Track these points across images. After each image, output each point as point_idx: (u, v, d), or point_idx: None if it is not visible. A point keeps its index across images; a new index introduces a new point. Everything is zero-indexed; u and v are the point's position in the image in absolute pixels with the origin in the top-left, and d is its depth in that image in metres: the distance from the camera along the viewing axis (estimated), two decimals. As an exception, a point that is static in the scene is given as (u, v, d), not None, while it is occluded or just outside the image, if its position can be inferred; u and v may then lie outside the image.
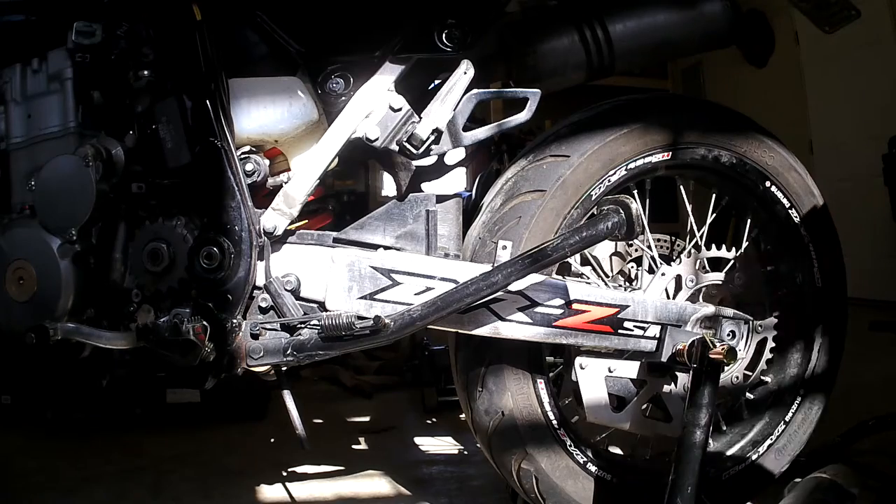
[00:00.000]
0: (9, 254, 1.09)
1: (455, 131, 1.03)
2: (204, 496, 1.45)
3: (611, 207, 1.00)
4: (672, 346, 1.08)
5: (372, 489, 1.48)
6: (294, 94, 1.07)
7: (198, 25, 1.03)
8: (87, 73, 1.10)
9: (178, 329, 0.98)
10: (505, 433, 1.13)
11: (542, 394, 1.13)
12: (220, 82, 1.02)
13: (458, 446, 1.75)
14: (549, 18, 1.13)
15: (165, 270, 1.05)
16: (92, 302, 1.09)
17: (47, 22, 1.12)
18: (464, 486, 1.48)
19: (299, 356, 1.02)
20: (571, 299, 1.06)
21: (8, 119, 1.14)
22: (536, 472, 1.13)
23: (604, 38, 1.09)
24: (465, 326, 1.05)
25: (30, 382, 1.87)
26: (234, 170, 1.02)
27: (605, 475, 1.15)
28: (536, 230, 1.10)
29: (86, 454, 1.70)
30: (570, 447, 1.14)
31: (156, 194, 1.07)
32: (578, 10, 1.11)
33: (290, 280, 1.05)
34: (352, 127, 1.05)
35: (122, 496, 1.46)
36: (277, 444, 1.80)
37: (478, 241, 1.12)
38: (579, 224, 1.07)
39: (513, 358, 1.11)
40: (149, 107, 1.06)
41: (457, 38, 1.03)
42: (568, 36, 1.10)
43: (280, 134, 1.07)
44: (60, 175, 1.06)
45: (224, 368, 1.03)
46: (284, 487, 1.50)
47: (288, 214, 1.04)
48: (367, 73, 1.06)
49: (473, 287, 0.98)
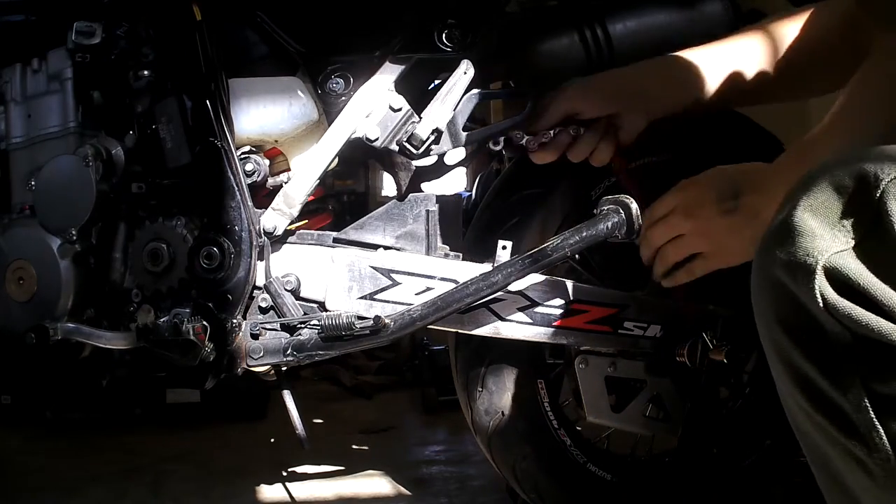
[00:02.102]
0: (9, 254, 1.09)
1: (455, 131, 1.03)
2: (204, 496, 1.45)
3: (611, 207, 1.00)
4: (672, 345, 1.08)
5: (372, 489, 1.48)
6: (294, 94, 1.06)
7: (198, 25, 1.03)
8: (87, 73, 1.10)
9: (178, 329, 0.98)
10: (505, 433, 1.13)
11: (541, 394, 1.13)
12: (220, 82, 1.02)
13: (458, 446, 1.75)
14: (549, 18, 1.13)
15: (165, 270, 1.05)
16: (92, 302, 1.09)
17: (47, 22, 1.12)
18: (464, 486, 1.48)
19: (299, 356, 1.02)
20: (571, 299, 1.06)
21: (8, 119, 1.14)
22: (536, 473, 1.13)
23: (604, 38, 1.09)
24: (465, 326, 1.05)
25: (30, 382, 1.87)
26: (234, 170, 1.02)
27: (605, 475, 1.15)
28: (536, 230, 1.10)
29: (86, 454, 1.70)
30: (570, 447, 1.14)
31: (156, 194, 1.07)
32: (578, 9, 1.11)
33: (290, 280, 1.05)
34: (352, 127, 1.05)
35: (122, 496, 1.46)
36: (277, 444, 1.80)
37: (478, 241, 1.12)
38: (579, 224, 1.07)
39: (513, 358, 1.11)
40: (149, 107, 1.06)
41: (457, 38, 1.03)
42: (568, 36, 1.10)
43: (280, 134, 1.07)
44: (60, 175, 1.06)
45: (224, 368, 1.03)
46: (284, 487, 1.50)
47: (288, 214, 1.04)
48: (367, 73, 1.06)
49: (473, 287, 0.99)
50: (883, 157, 0.46)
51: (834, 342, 0.45)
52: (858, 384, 0.44)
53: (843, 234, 0.46)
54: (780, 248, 0.48)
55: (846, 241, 0.46)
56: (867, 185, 0.45)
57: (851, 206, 0.46)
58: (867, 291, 0.43)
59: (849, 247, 0.45)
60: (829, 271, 0.45)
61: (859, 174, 0.46)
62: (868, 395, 0.44)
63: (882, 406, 0.44)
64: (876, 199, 0.44)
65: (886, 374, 0.44)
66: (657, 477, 1.18)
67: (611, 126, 1.00)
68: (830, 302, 0.44)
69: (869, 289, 0.43)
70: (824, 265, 0.45)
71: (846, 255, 0.45)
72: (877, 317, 0.43)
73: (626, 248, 1.04)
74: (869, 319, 0.43)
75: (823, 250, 0.45)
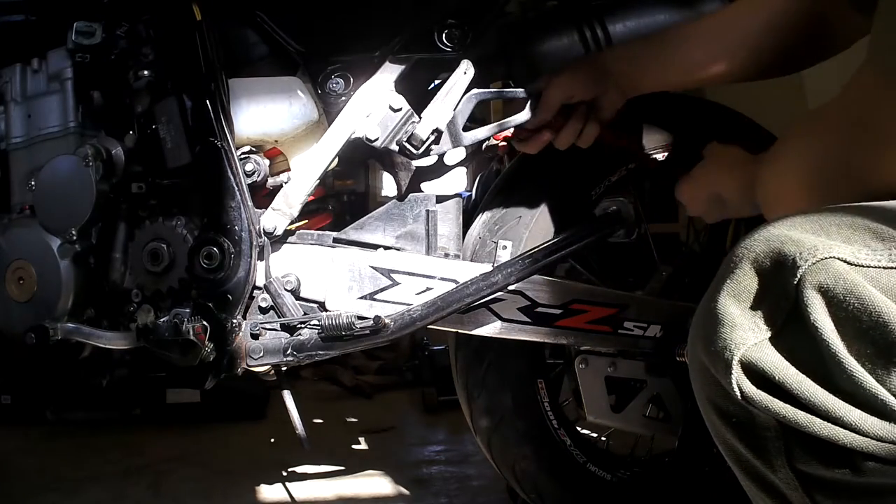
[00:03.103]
0: (9, 254, 1.09)
1: (455, 131, 1.03)
2: (204, 496, 1.45)
3: (610, 208, 1.00)
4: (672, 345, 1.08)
5: (372, 489, 1.48)
6: (294, 94, 1.06)
7: (198, 25, 1.03)
8: (87, 73, 1.10)
9: (178, 329, 0.98)
10: (505, 433, 1.13)
11: (541, 394, 1.13)
12: (220, 82, 1.02)
13: (458, 446, 1.75)
14: (549, 18, 1.13)
15: (165, 270, 1.05)
16: (92, 302, 1.09)
17: (47, 22, 1.12)
18: (464, 486, 1.48)
19: (299, 356, 1.02)
20: (571, 299, 1.06)
21: (8, 119, 1.14)
22: (536, 473, 1.13)
23: (604, 38, 1.09)
24: (465, 326, 1.05)
25: (30, 382, 1.87)
26: (234, 170, 1.02)
27: (605, 475, 1.15)
28: (536, 230, 1.10)
29: (86, 454, 1.70)
30: (570, 447, 1.14)
31: (156, 194, 1.07)
32: (578, 10, 1.11)
33: (290, 280, 1.05)
34: (352, 127, 1.05)
35: (122, 496, 1.46)
36: (277, 444, 1.80)
37: (478, 241, 1.12)
38: (579, 224, 1.07)
39: (513, 358, 1.11)
40: (149, 107, 1.06)
41: (457, 38, 1.03)
42: (568, 36, 1.10)
43: (280, 134, 1.07)
44: (60, 175, 1.06)
45: (224, 368, 1.03)
46: (284, 487, 1.50)
47: (288, 214, 1.04)
48: (367, 73, 1.06)
49: (473, 287, 0.98)
50: (804, 240, 0.46)
51: (760, 426, 0.46)
52: (786, 465, 0.46)
53: (762, 321, 0.46)
54: (704, 337, 0.49)
55: (765, 329, 0.46)
56: (784, 270, 0.46)
57: (770, 291, 0.47)
58: (783, 384, 0.44)
59: (766, 336, 0.46)
60: (746, 365, 0.45)
61: (777, 258, 0.46)
62: (796, 475, 0.45)
63: (811, 484, 0.45)
64: (794, 285, 0.45)
65: (809, 458, 0.44)
66: (657, 477, 1.18)
67: (590, 108, 1.01)
68: (748, 394, 0.45)
69: (785, 381, 0.44)
70: (741, 359, 0.46)
71: (764, 345, 0.46)
72: (794, 409, 0.43)
73: (626, 248, 1.04)
74: (786, 412, 0.44)
75: (740, 343, 0.46)
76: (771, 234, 0.48)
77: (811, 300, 0.44)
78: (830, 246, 0.45)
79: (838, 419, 0.42)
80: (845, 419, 0.42)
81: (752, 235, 0.50)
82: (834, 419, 0.42)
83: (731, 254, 0.50)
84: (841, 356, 0.42)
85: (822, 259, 0.44)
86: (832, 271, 0.44)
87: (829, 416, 0.42)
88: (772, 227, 0.49)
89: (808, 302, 0.44)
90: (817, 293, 0.44)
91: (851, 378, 0.42)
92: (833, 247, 0.45)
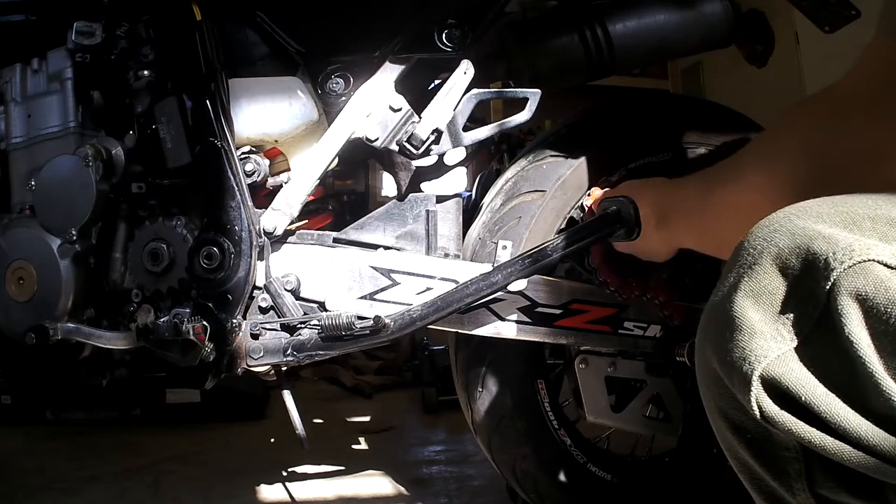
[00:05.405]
0: (9, 254, 1.09)
1: (455, 131, 1.03)
2: (204, 496, 1.45)
3: (611, 207, 1.00)
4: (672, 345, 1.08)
5: (372, 489, 1.48)
6: (294, 94, 1.06)
7: (198, 25, 1.03)
8: (87, 73, 1.10)
9: (178, 329, 0.98)
10: (505, 433, 1.13)
11: (541, 394, 1.13)
12: (220, 82, 1.02)
13: (458, 446, 1.75)
14: (549, 18, 1.13)
15: (165, 270, 1.05)
16: (92, 302, 1.09)
17: (47, 22, 1.12)
18: (464, 486, 1.48)
19: (299, 356, 1.02)
20: (571, 299, 1.06)
21: (8, 119, 1.14)
22: (536, 473, 1.13)
23: (604, 38, 1.09)
24: (465, 326, 1.05)
25: (30, 382, 1.87)
26: (234, 170, 1.02)
27: (605, 475, 1.15)
28: (536, 230, 1.10)
29: (86, 454, 1.70)
30: (570, 447, 1.14)
31: (156, 194, 1.07)
32: (578, 10, 1.11)
33: (290, 280, 1.05)
34: (352, 127, 1.05)
35: (122, 496, 1.46)
36: (277, 444, 1.80)
37: (478, 241, 1.12)
38: (579, 224, 1.07)
39: (513, 358, 1.11)
40: (149, 107, 1.06)
41: (457, 38, 1.03)
42: (568, 36, 1.10)
43: (280, 134, 1.07)
44: (60, 175, 1.06)
45: (224, 368, 1.03)
46: (284, 487, 1.50)
47: (288, 214, 1.04)
48: (367, 73, 1.06)
49: (473, 287, 0.98)
50: (837, 238, 0.40)
51: (778, 444, 0.41)
52: (806, 490, 0.41)
53: (786, 329, 0.40)
54: (718, 343, 0.43)
55: (789, 338, 0.40)
56: (814, 272, 0.39)
57: (797, 295, 0.40)
58: (810, 405, 0.38)
59: (791, 347, 0.40)
60: (768, 381, 0.40)
61: (807, 257, 0.40)
62: (818, 500, 0.41)
63: None
64: (825, 291, 0.39)
65: (833, 484, 0.40)
66: (657, 477, 1.18)
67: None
68: (769, 415, 0.40)
69: (813, 402, 0.38)
70: (762, 374, 0.40)
71: (788, 357, 0.40)
72: (820, 434, 0.38)
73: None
74: (812, 437, 0.38)
75: (761, 355, 0.40)
76: (796, 227, 0.42)
77: (846, 309, 0.38)
78: (869, 246, 0.38)
79: (871, 447, 0.36)
80: (879, 448, 0.36)
81: (769, 225, 0.43)
82: (866, 447, 0.37)
83: (744, 244, 0.44)
84: (879, 376, 0.36)
85: (860, 262, 0.38)
86: (872, 277, 0.37)
87: (861, 444, 0.37)
88: (794, 217, 0.42)
89: (842, 311, 0.38)
90: (854, 301, 0.38)
91: (889, 402, 0.36)
92: (871, 247, 0.38)
